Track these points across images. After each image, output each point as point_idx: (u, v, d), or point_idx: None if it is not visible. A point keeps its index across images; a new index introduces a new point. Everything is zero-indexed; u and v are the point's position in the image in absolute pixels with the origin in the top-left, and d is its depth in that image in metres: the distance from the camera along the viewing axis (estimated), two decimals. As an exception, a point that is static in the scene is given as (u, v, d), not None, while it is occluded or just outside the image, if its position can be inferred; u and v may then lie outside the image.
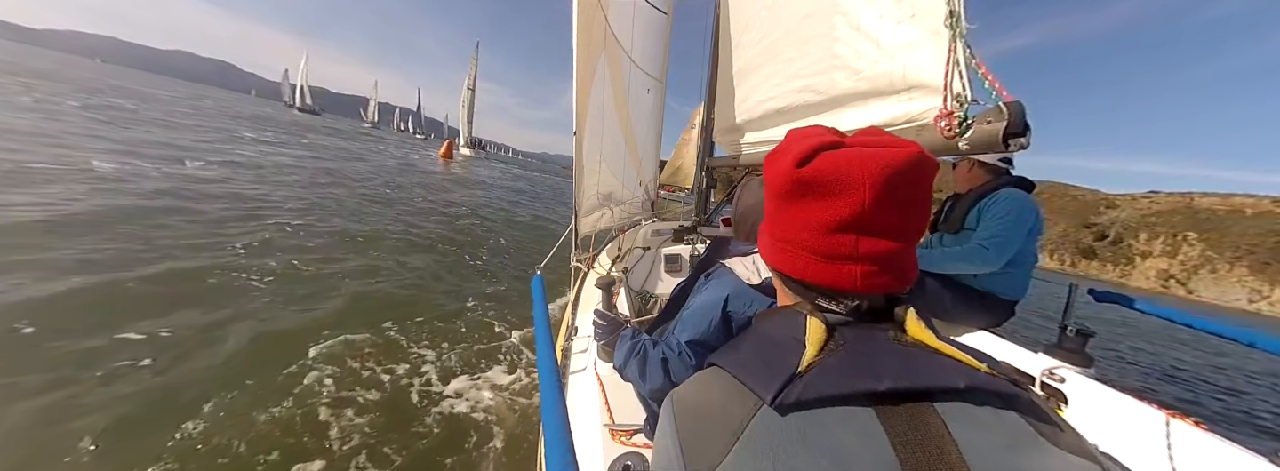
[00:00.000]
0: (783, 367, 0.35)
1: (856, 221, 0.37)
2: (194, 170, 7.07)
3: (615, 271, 2.55)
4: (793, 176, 0.38)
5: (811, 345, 0.36)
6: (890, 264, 0.38)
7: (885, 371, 0.34)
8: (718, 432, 0.35)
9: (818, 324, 0.38)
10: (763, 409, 0.34)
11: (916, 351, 0.36)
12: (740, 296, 0.88)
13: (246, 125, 19.11)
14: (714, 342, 0.87)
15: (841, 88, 1.42)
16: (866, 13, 1.28)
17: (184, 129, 12.38)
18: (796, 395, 0.33)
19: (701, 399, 0.39)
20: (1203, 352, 7.98)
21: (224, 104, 37.80)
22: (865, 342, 0.37)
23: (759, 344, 0.42)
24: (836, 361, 0.36)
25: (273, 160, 9.75)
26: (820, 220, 0.38)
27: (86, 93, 18.49)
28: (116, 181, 5.46)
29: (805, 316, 0.39)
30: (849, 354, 0.36)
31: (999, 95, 0.97)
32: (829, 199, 0.37)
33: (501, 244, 6.85)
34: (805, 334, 0.37)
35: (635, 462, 0.96)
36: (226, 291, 3.21)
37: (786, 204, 0.41)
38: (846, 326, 0.39)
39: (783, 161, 0.40)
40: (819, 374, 0.34)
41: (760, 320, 0.47)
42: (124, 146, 7.91)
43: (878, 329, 0.39)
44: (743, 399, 0.36)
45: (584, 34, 2.01)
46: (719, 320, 0.87)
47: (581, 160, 2.18)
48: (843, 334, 0.38)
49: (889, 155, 0.36)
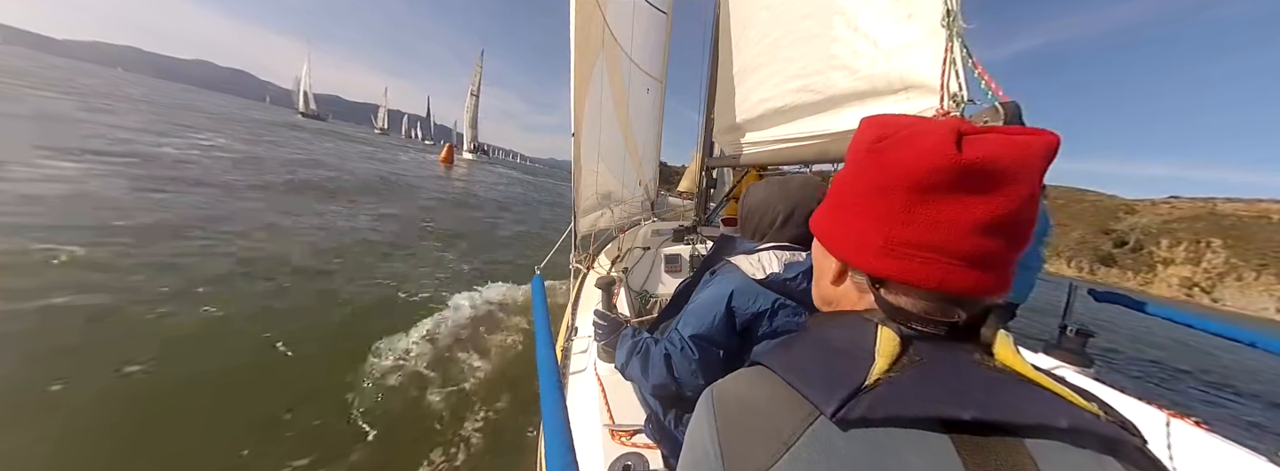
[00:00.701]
0: (846, 378, 0.32)
1: (1012, 216, 0.32)
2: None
3: (615, 271, 2.54)
4: (952, 163, 0.32)
5: (882, 357, 0.33)
6: (1010, 266, 0.35)
7: (969, 397, 0.30)
8: (765, 439, 0.32)
9: (891, 335, 0.34)
10: (820, 420, 0.31)
11: (1007, 379, 0.32)
12: (745, 292, 0.87)
13: (206, 126, 17.13)
14: (718, 338, 0.87)
15: (840, 87, 1.40)
16: (864, 12, 1.26)
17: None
18: (862, 411, 0.30)
19: (747, 399, 0.36)
20: (1184, 352, 7.71)
21: (220, 108, 36.70)
22: (946, 362, 0.33)
23: (816, 349, 0.38)
24: (911, 379, 0.32)
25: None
26: (978, 216, 0.32)
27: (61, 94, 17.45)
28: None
29: (876, 325, 0.35)
30: (926, 372, 0.32)
31: (995, 95, 0.95)
32: (991, 193, 0.32)
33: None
34: (874, 344, 0.34)
35: (635, 462, 0.95)
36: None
37: (924, 199, 0.34)
38: (922, 341, 0.35)
39: (922, 144, 0.33)
40: (889, 390, 0.31)
41: (817, 324, 0.43)
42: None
43: (960, 348, 0.35)
44: (795, 407, 0.33)
45: (582, 33, 2.00)
46: (723, 315, 0.86)
47: (579, 160, 2.17)
48: (918, 349, 0.34)
49: (1042, 143, 0.32)
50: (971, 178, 0.32)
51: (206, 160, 8.98)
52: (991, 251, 0.33)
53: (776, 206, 0.93)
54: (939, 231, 0.34)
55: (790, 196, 0.93)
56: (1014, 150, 0.32)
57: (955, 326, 0.35)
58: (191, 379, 2.33)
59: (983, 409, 0.29)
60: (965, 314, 0.35)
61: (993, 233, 0.33)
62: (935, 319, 0.35)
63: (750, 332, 0.88)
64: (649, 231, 3.20)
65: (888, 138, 0.36)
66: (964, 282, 0.34)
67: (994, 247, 0.33)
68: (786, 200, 0.93)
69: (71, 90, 19.32)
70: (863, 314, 0.38)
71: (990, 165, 0.31)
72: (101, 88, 29.67)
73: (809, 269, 0.86)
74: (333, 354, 2.78)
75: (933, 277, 0.34)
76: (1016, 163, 0.31)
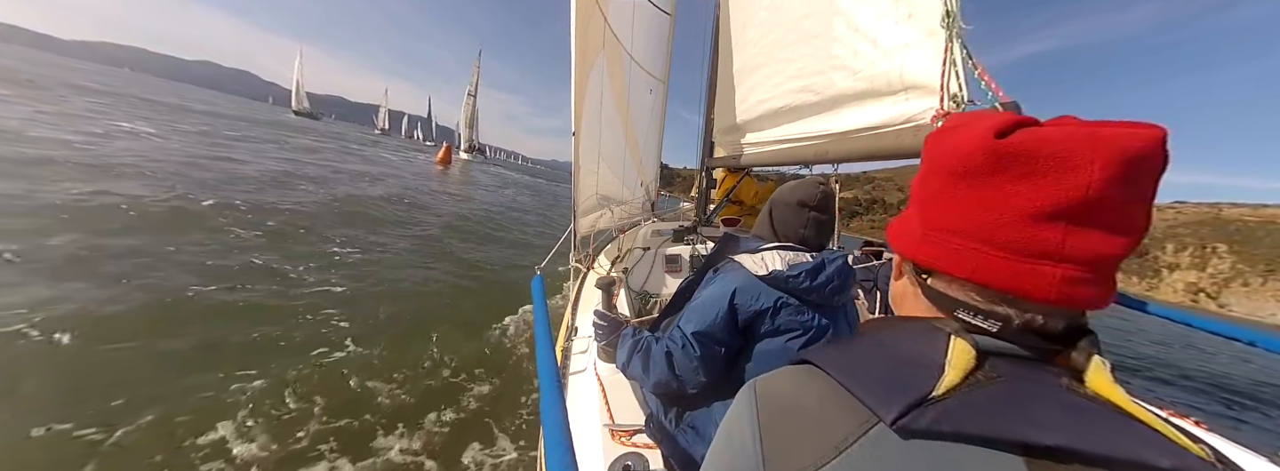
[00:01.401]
0: (911, 387, 0.30)
1: (1073, 209, 0.29)
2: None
3: (615, 271, 2.54)
4: (989, 147, 0.30)
5: (954, 370, 0.30)
6: (1100, 272, 0.30)
7: (1053, 422, 0.27)
8: (814, 440, 0.31)
9: (965, 347, 0.31)
10: (878, 428, 0.29)
11: (1100, 408, 0.29)
12: (748, 290, 0.87)
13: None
14: (719, 335, 0.87)
15: (839, 88, 1.40)
16: (864, 13, 1.26)
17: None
18: (928, 422, 0.28)
19: (796, 397, 0.35)
20: (1184, 352, 7.64)
21: (209, 105, 34.36)
22: (1027, 382, 0.30)
23: (876, 354, 0.35)
24: (987, 396, 0.29)
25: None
26: (1020, 205, 0.30)
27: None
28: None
29: (949, 335, 0.33)
30: (1004, 390, 0.29)
31: (995, 96, 0.94)
32: (1039, 178, 0.29)
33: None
34: (945, 354, 0.31)
35: (635, 462, 0.95)
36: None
37: (966, 184, 0.32)
38: (1001, 358, 0.32)
39: (969, 131, 0.32)
40: (961, 404, 0.29)
41: (877, 329, 0.40)
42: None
43: (1045, 370, 0.31)
44: (850, 411, 0.31)
45: (582, 33, 2.01)
46: (725, 312, 0.86)
47: (579, 160, 2.17)
48: (996, 365, 0.31)
49: (1128, 134, 0.28)
50: (1012, 162, 0.30)
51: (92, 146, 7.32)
52: (1066, 246, 0.29)
53: (808, 211, 0.93)
54: (982, 218, 0.32)
55: (825, 203, 0.94)
56: (1072, 139, 0.29)
57: (1037, 341, 0.32)
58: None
59: (1069, 436, 0.26)
60: (1040, 319, 0.32)
61: (1046, 220, 0.29)
62: (997, 311, 0.32)
63: (752, 330, 0.88)
64: (649, 231, 3.20)
65: (949, 128, 0.35)
66: (1025, 280, 0.30)
67: (1045, 240, 0.29)
68: (799, 199, 0.94)
69: (24, 83, 17.25)
70: (932, 322, 0.36)
71: (1036, 149, 0.29)
72: (77, 80, 27.88)
73: (813, 268, 0.88)
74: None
75: (964, 265, 0.33)
76: (1072, 151, 0.28)
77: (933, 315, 0.36)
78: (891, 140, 1.19)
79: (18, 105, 10.55)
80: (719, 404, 0.91)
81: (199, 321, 2.81)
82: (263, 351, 2.64)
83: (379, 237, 5.58)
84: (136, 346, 2.46)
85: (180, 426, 1.98)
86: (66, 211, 4.06)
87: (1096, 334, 0.32)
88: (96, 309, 2.67)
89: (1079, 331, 0.32)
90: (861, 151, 1.33)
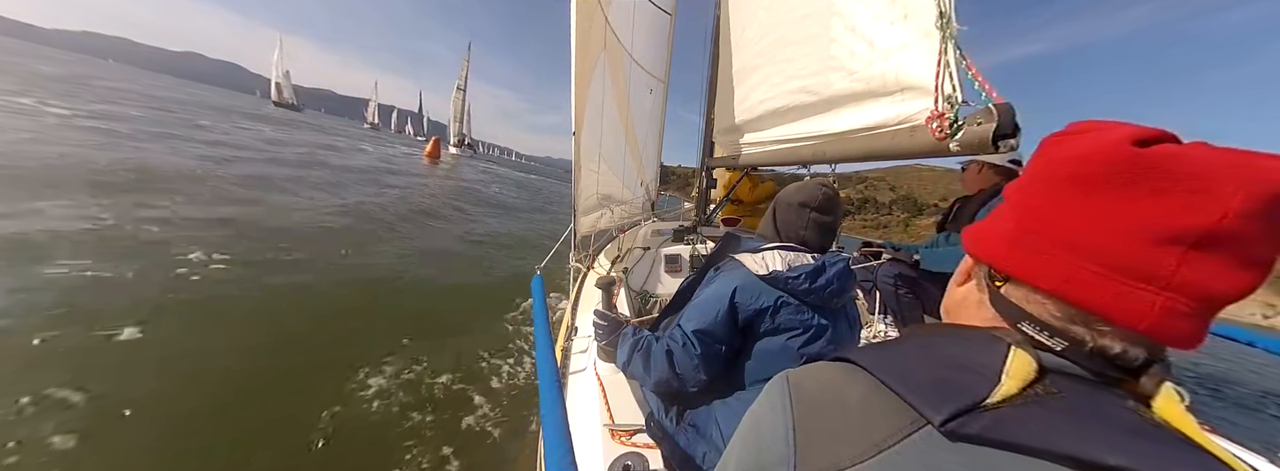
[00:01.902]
0: (963, 392, 0.29)
1: (1200, 235, 0.26)
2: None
3: (615, 271, 2.56)
4: (1126, 156, 0.28)
5: (1013, 380, 0.29)
6: (1205, 308, 0.27)
7: (1115, 442, 0.25)
8: (853, 436, 0.30)
9: (1027, 359, 0.30)
10: (925, 430, 0.28)
11: (1167, 434, 0.27)
12: (748, 289, 0.88)
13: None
14: (720, 333, 0.88)
15: (836, 89, 1.41)
16: (861, 14, 1.27)
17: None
18: (980, 428, 0.27)
19: (835, 392, 0.34)
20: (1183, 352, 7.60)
21: (165, 93, 31.36)
22: (1090, 401, 0.29)
23: (925, 357, 0.34)
24: (1046, 410, 0.28)
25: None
26: (1141, 221, 0.27)
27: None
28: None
29: (1009, 345, 0.31)
30: (1064, 407, 0.28)
31: (989, 97, 0.95)
32: (1171, 197, 0.27)
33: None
34: (1002, 364, 0.30)
35: (635, 462, 0.96)
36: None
37: (1085, 191, 0.29)
38: (1063, 376, 0.30)
39: (1103, 137, 0.29)
40: (1016, 414, 0.27)
41: (926, 333, 0.38)
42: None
43: (1110, 392, 0.30)
44: (894, 411, 0.30)
45: (583, 32, 2.02)
46: (726, 311, 0.87)
47: (580, 160, 2.19)
48: (1056, 382, 0.29)
49: (1277, 165, 0.26)
50: (1146, 175, 0.27)
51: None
52: (1152, 267, 0.27)
53: (809, 212, 0.95)
54: (1079, 227, 0.29)
55: (828, 205, 0.95)
56: (1219, 162, 0.26)
57: (1107, 366, 0.30)
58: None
59: (1134, 458, 0.24)
60: (1119, 347, 0.29)
61: (1167, 242, 0.27)
62: (1070, 330, 0.30)
63: (752, 329, 0.89)
64: (649, 231, 3.21)
65: (1078, 131, 0.32)
66: (1095, 293, 0.28)
67: (1158, 263, 0.27)
68: (821, 206, 0.95)
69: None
70: (992, 331, 0.34)
71: (1177, 165, 0.27)
72: (44, 68, 26.42)
73: (813, 270, 0.89)
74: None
75: (1054, 276, 0.30)
76: (1216, 173, 0.26)
77: (994, 325, 0.34)
78: (888, 141, 1.20)
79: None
80: (719, 403, 0.92)
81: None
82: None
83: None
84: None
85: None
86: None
87: (1169, 361, 0.30)
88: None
89: (1151, 363, 0.30)
90: (859, 152, 1.35)
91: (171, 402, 2.11)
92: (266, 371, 2.48)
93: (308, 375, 2.51)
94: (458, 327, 3.54)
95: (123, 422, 1.95)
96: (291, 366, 2.56)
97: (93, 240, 3.65)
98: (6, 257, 3.10)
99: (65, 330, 2.44)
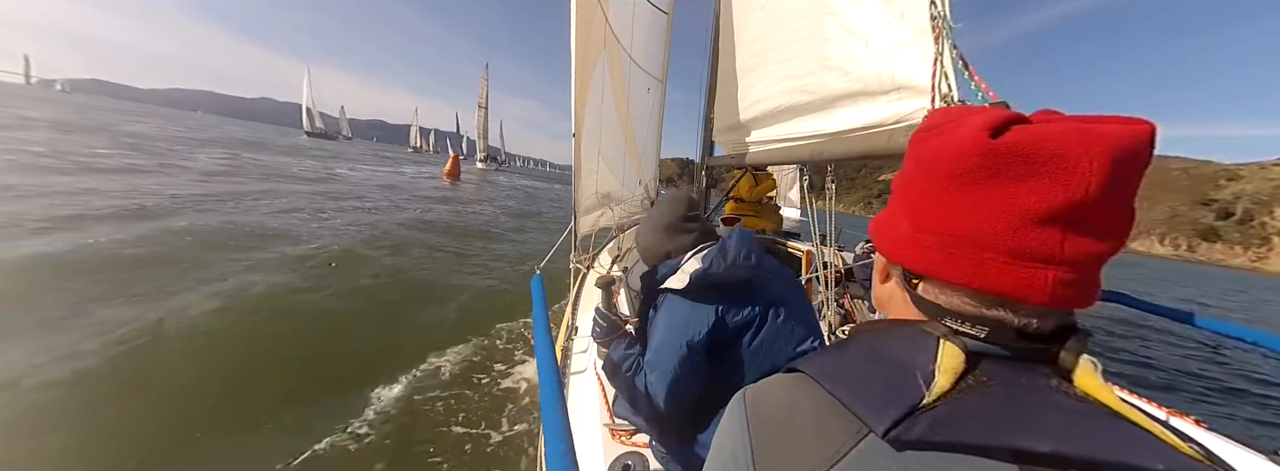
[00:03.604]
0: (902, 395, 0.29)
1: (1071, 212, 0.28)
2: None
3: (615, 270, 2.56)
4: (983, 148, 0.30)
5: (944, 375, 0.30)
6: (1090, 272, 0.30)
7: (1047, 428, 0.27)
8: (805, 454, 0.31)
9: (955, 351, 0.31)
10: (869, 439, 0.29)
11: (1091, 410, 0.29)
12: (691, 321, 0.89)
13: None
14: (684, 370, 0.88)
15: (832, 88, 1.41)
16: (856, 13, 1.28)
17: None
18: (920, 432, 0.27)
19: (787, 409, 0.34)
20: (1184, 352, 7.58)
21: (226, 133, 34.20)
22: (1018, 385, 0.30)
23: (866, 360, 0.35)
24: (979, 402, 0.29)
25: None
26: (1018, 207, 0.29)
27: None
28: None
29: (937, 339, 0.32)
30: (996, 395, 0.29)
31: (986, 95, 0.96)
32: (1036, 180, 0.29)
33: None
34: (935, 359, 0.31)
35: (635, 462, 0.97)
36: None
37: (961, 187, 0.31)
38: (991, 360, 0.31)
39: (959, 131, 0.31)
40: (953, 412, 0.28)
41: (867, 333, 0.39)
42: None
43: (1035, 371, 0.31)
44: (842, 422, 0.30)
45: (583, 32, 2.02)
46: (682, 348, 0.87)
47: (580, 159, 2.20)
48: (986, 369, 0.31)
49: (1119, 132, 0.28)
50: (1008, 163, 0.29)
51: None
52: (1065, 250, 0.29)
53: (655, 232, 1.01)
54: (978, 222, 0.31)
55: (661, 217, 1.01)
56: (1067, 137, 0.28)
57: (1027, 343, 0.32)
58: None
59: (1062, 442, 0.26)
60: (1034, 322, 0.31)
61: (1062, 226, 0.29)
62: (988, 316, 0.32)
63: (713, 349, 0.90)
64: None
65: (934, 127, 0.35)
66: (1023, 283, 0.30)
67: (1042, 243, 0.29)
68: (658, 221, 1.01)
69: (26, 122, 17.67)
70: (922, 326, 0.35)
71: (1032, 149, 0.29)
72: (116, 122, 28.01)
73: (717, 252, 0.90)
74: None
75: (975, 274, 0.32)
76: (1067, 149, 0.28)
77: (922, 319, 0.36)
78: (885, 139, 1.21)
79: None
80: (714, 407, 0.92)
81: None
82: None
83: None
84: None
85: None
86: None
87: (1086, 331, 0.33)
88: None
89: (1068, 329, 0.32)
90: (856, 151, 1.36)
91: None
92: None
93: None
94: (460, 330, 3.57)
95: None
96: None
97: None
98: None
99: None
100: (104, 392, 2.33)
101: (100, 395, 2.30)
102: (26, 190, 5.97)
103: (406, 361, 3.01)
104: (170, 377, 2.49)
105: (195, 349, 2.81)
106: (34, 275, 3.47)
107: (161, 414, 2.24)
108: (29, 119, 19.98)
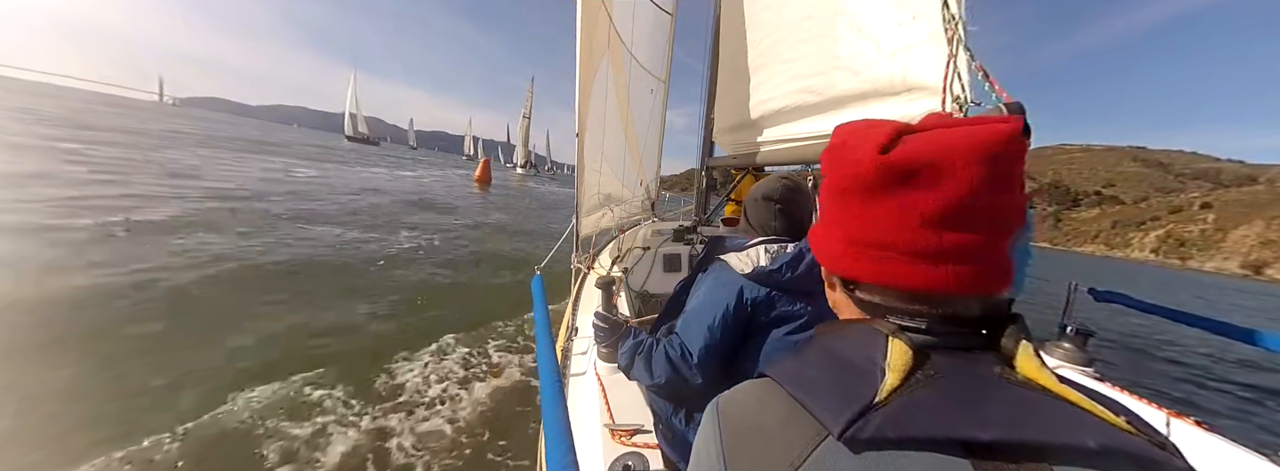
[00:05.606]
0: (855, 395, 0.30)
1: (953, 210, 0.31)
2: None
3: (615, 271, 2.55)
4: (878, 164, 0.33)
5: (894, 372, 0.31)
6: (985, 259, 0.33)
7: (991, 416, 0.28)
8: (772, 459, 0.32)
9: (903, 347, 0.32)
10: (828, 441, 0.30)
11: (1032, 394, 0.30)
12: (737, 289, 0.90)
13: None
14: (716, 336, 0.89)
15: (841, 89, 1.41)
16: (867, 14, 1.27)
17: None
18: (872, 431, 0.28)
19: (754, 414, 0.35)
20: (1184, 351, 7.62)
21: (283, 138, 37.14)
22: (964, 375, 0.32)
23: (824, 361, 0.36)
24: (927, 396, 0.30)
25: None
26: (910, 211, 0.32)
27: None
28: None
29: (886, 336, 0.34)
30: (944, 388, 0.31)
31: (999, 97, 0.95)
32: (921, 188, 0.32)
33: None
34: (885, 357, 0.32)
35: (635, 462, 0.96)
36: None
37: (868, 199, 0.35)
38: (939, 352, 0.33)
39: (857, 152, 0.35)
40: (903, 408, 0.29)
41: (826, 332, 0.41)
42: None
43: (980, 360, 0.33)
44: (804, 425, 0.31)
45: (587, 33, 2.01)
46: (719, 314, 0.89)
47: (583, 160, 2.18)
48: (934, 363, 0.32)
49: (989, 132, 0.31)
50: (900, 175, 0.33)
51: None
52: (949, 244, 0.32)
53: (774, 204, 0.98)
54: (881, 228, 0.35)
55: (787, 195, 0.99)
56: (945, 142, 0.32)
57: (970, 334, 0.34)
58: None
59: (1005, 429, 0.27)
60: (955, 309, 0.34)
61: (942, 225, 0.32)
62: (916, 310, 0.35)
63: (748, 327, 0.91)
64: (649, 231, 3.20)
65: (841, 145, 0.38)
66: (925, 278, 0.33)
67: (951, 240, 0.32)
68: (782, 197, 0.99)
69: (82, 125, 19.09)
70: (872, 324, 0.36)
71: (915, 161, 0.32)
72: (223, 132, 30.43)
73: (793, 258, 0.91)
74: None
75: (886, 274, 0.35)
76: (950, 153, 0.31)
77: (871, 319, 0.38)
78: (894, 141, 1.20)
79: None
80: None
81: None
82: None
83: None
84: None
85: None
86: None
87: (1022, 317, 0.34)
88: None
89: (1004, 316, 0.35)
90: (864, 152, 1.35)
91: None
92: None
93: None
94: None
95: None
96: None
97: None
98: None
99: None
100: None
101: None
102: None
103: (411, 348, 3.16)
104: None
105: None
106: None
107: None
108: (181, 133, 23.27)
